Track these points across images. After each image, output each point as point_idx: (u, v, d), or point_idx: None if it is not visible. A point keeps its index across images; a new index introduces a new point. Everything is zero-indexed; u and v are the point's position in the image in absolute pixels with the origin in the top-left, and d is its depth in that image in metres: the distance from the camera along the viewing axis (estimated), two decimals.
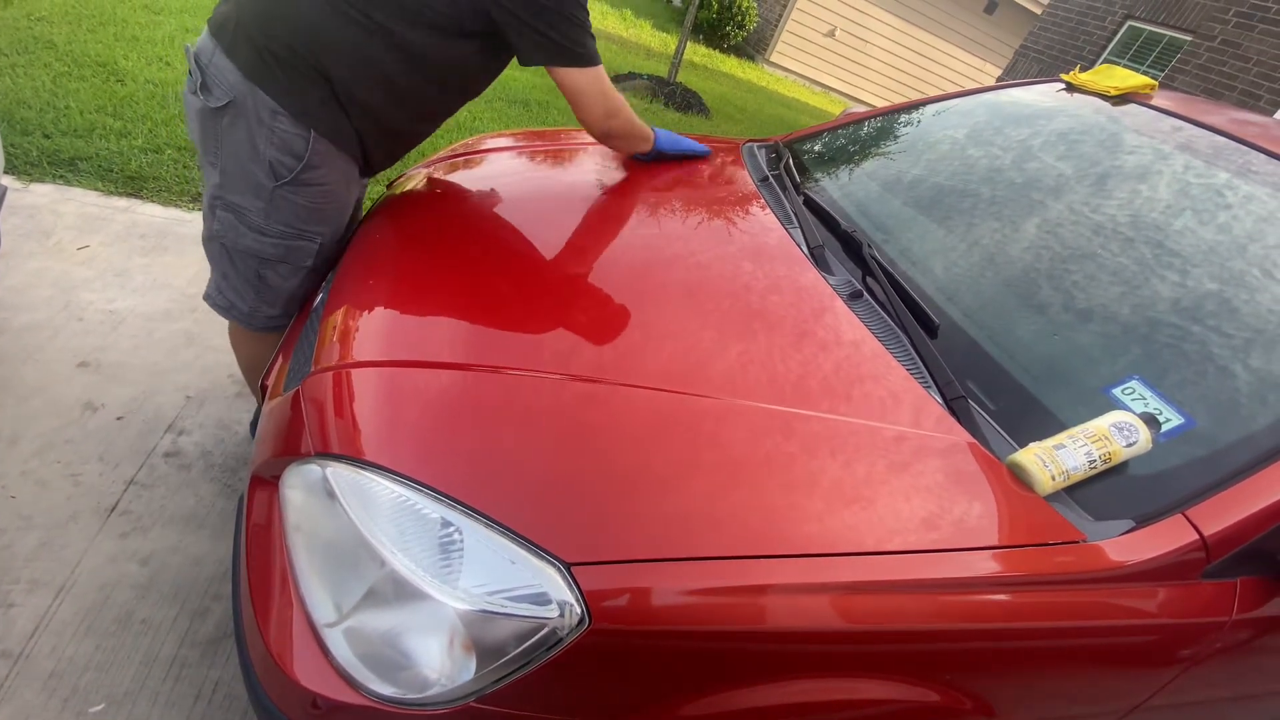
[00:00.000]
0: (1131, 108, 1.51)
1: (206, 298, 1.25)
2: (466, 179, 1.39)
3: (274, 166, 1.07)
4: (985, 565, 0.76)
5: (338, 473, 0.74)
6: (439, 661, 0.68)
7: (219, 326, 1.87)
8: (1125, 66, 5.81)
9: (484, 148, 1.53)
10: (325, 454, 0.77)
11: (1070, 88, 1.65)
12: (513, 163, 1.50)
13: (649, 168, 1.54)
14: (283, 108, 1.03)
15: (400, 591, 0.68)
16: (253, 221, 1.11)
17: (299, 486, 0.79)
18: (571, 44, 1.10)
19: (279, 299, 1.22)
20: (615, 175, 1.48)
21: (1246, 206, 1.17)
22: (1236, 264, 1.08)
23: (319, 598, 0.74)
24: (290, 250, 1.15)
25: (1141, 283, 1.10)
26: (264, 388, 1.09)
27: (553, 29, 1.07)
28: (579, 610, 0.64)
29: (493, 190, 1.35)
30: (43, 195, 2.13)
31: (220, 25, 1.06)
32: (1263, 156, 1.25)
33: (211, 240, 1.17)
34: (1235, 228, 1.14)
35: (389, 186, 1.47)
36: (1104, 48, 6.29)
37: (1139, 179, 1.29)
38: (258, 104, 1.04)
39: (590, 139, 1.65)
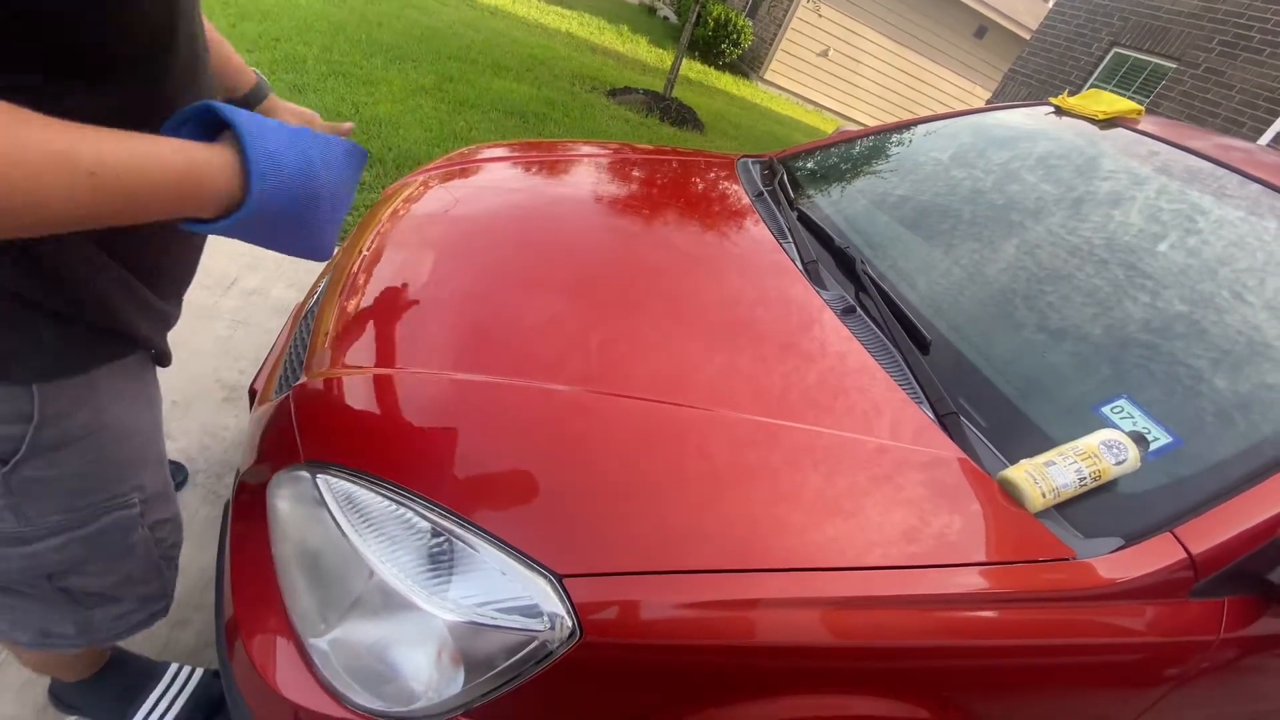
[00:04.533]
0: (1119, 131, 1.54)
1: None
2: (462, 187, 1.39)
3: None
4: (976, 581, 0.76)
5: (327, 480, 0.73)
6: (426, 674, 0.67)
7: (205, 330, 1.85)
8: (1112, 92, 5.93)
9: (480, 157, 1.53)
10: (315, 461, 0.76)
11: (1059, 111, 1.68)
12: (509, 172, 1.51)
13: (645, 179, 1.55)
14: None
15: (388, 602, 0.67)
16: (5, 531, 0.64)
17: (287, 494, 0.78)
18: None
19: (121, 592, 0.77)
20: (611, 187, 1.49)
21: (1229, 230, 1.19)
22: (1222, 286, 1.10)
23: (304, 608, 0.73)
24: (95, 539, 0.70)
25: (1129, 303, 1.11)
26: (253, 391, 1.08)
27: None
28: (570, 623, 0.63)
29: (488, 200, 1.35)
30: None
31: None
32: (1248, 181, 1.28)
33: None
34: (1217, 250, 1.16)
35: (384, 192, 1.47)
36: (1090, 73, 6.43)
37: (1127, 201, 1.32)
38: None
39: (588, 150, 1.65)
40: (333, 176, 0.61)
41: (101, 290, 0.59)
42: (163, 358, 0.72)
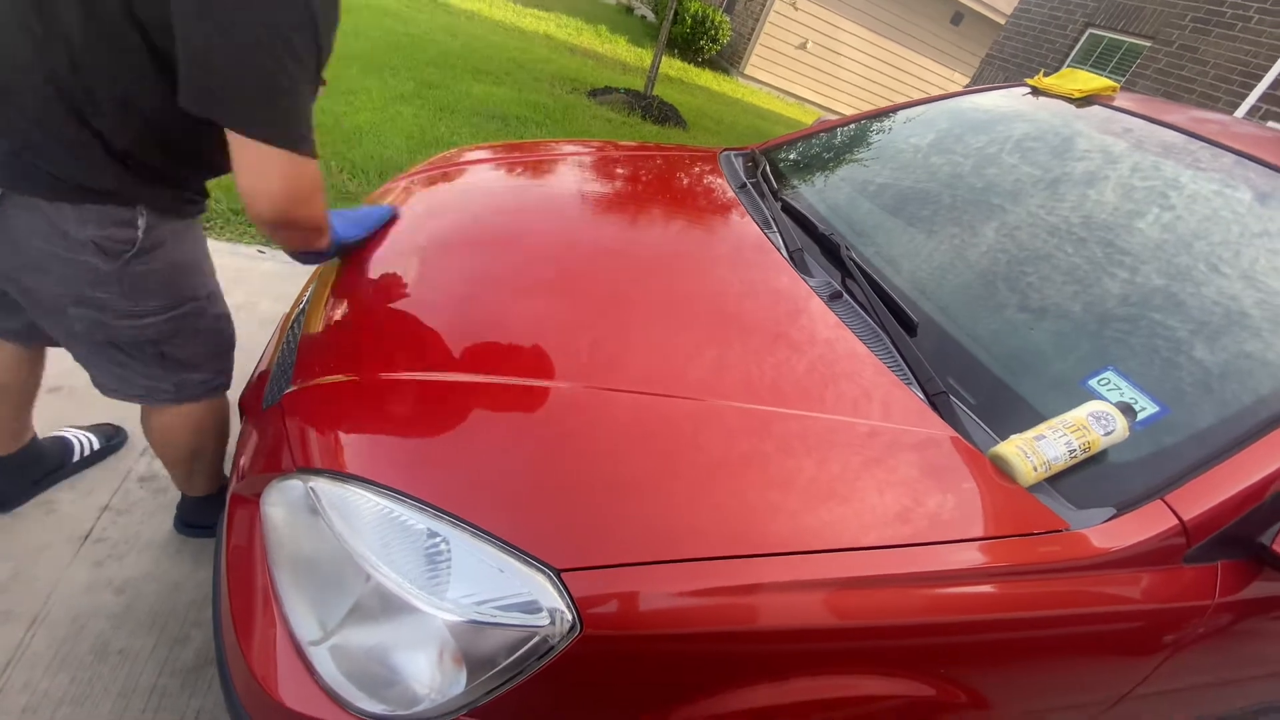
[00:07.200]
0: (1095, 109, 1.55)
1: (110, 393, 1.03)
2: (447, 191, 1.39)
3: (102, 247, 0.84)
4: (972, 557, 0.76)
5: (320, 487, 0.73)
6: (428, 675, 0.66)
7: None
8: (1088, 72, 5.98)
9: (464, 160, 1.53)
10: (307, 469, 0.76)
11: (1035, 91, 1.69)
12: (492, 174, 1.50)
13: (629, 176, 1.55)
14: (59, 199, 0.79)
15: (387, 605, 0.67)
16: (119, 308, 0.90)
17: (280, 503, 0.78)
18: (267, 107, 0.76)
19: (200, 362, 1.05)
20: (595, 184, 1.49)
21: (1206, 202, 1.20)
22: (1200, 257, 1.11)
23: (303, 616, 0.72)
24: (180, 321, 0.97)
25: (1111, 278, 1.12)
26: (243, 405, 1.07)
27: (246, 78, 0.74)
28: (570, 617, 0.63)
29: (472, 202, 1.35)
30: None
31: None
32: (1223, 152, 1.29)
33: (77, 340, 0.95)
34: (1194, 223, 1.17)
35: (366, 200, 1.46)
36: (1066, 55, 6.48)
37: (1104, 177, 1.33)
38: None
39: (571, 149, 1.65)
40: (361, 227, 1.15)
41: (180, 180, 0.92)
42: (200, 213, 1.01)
